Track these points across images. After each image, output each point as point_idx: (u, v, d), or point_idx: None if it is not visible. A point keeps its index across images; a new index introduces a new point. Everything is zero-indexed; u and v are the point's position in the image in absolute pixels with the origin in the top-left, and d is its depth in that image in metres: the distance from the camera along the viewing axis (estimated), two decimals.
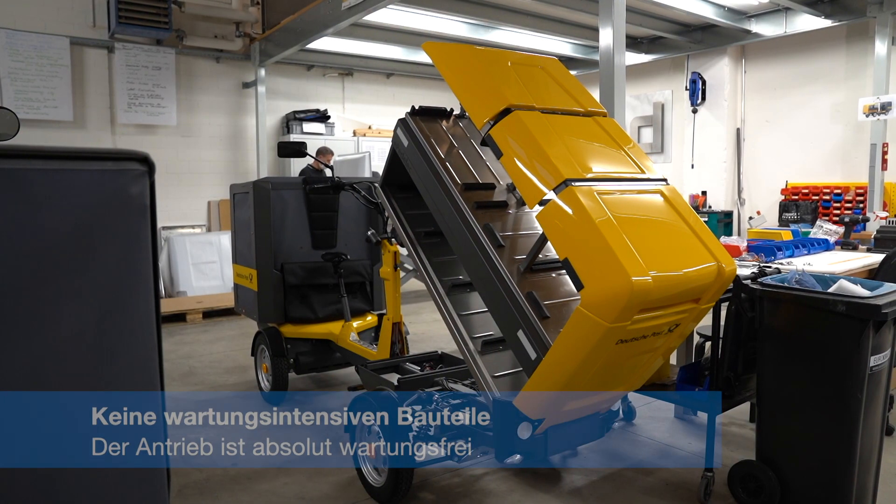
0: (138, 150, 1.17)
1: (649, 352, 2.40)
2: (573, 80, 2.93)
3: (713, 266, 2.28)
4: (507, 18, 8.24)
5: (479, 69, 2.59)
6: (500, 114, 2.36)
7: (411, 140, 2.78)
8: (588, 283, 2.01)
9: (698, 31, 8.95)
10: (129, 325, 1.17)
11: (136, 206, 1.16)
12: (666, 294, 2.12)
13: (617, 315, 1.98)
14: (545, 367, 2.16)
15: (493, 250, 2.36)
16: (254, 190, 4.38)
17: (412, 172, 2.78)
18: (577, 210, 2.08)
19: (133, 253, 1.17)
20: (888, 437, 3.75)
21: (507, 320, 2.31)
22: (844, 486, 2.68)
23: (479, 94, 2.48)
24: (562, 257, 2.11)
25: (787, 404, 2.81)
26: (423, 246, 2.77)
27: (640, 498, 3.06)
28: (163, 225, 9.07)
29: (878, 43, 7.19)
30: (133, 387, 1.19)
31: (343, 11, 6.87)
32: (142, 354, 1.19)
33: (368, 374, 3.43)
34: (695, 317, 2.41)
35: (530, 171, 2.23)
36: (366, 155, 8.75)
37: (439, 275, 2.68)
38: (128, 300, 1.17)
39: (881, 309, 2.52)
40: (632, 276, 1.94)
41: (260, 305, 4.44)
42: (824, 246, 4.65)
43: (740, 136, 9.27)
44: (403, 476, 2.84)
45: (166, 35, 8.41)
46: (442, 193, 2.57)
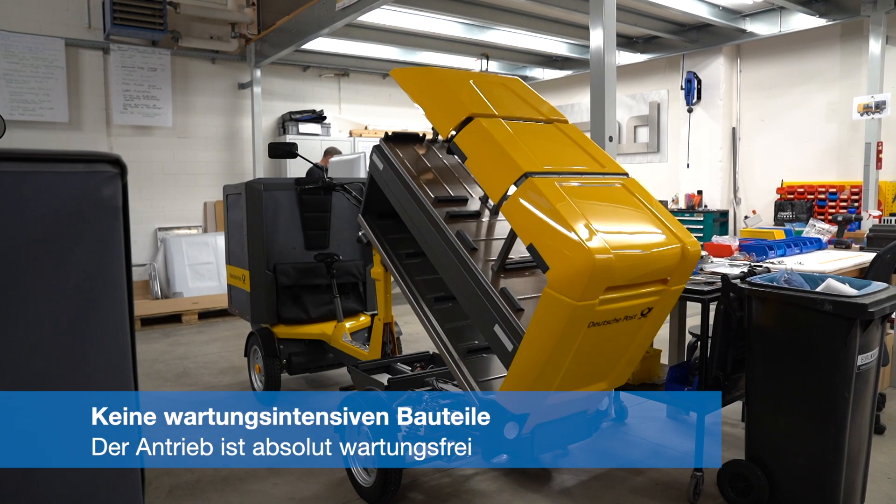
0: (110, 152, 1.17)
1: (626, 339, 2.41)
2: (534, 94, 3.04)
3: (677, 246, 2.33)
4: (502, 18, 8.24)
5: (442, 87, 2.72)
6: (463, 122, 2.48)
7: (386, 163, 2.88)
8: (552, 263, 2.07)
9: (693, 31, 8.96)
10: (102, 325, 1.18)
11: (108, 208, 1.16)
12: (630, 272, 2.17)
13: (582, 292, 2.01)
14: (521, 355, 2.19)
15: (466, 253, 2.44)
16: (246, 191, 4.39)
17: (389, 194, 2.88)
18: (535, 193, 2.17)
19: (105, 254, 1.17)
20: (880, 436, 3.75)
21: (484, 317, 2.36)
22: (832, 484, 2.68)
23: (444, 108, 2.60)
24: (527, 244, 2.17)
25: (775, 404, 2.81)
26: (405, 266, 2.85)
27: (630, 497, 3.06)
28: (159, 226, 9.09)
29: (872, 42, 7.19)
30: (106, 387, 1.19)
31: (338, 12, 6.87)
32: (114, 355, 1.19)
33: (359, 374, 3.43)
34: (666, 300, 2.42)
35: (493, 168, 2.32)
36: (361, 155, 8.74)
37: (421, 291, 2.76)
38: (100, 301, 1.17)
39: (867, 308, 2.53)
40: (593, 253, 2.00)
41: (253, 306, 4.45)
42: (817, 245, 4.65)
43: (736, 136, 9.28)
44: (392, 476, 2.84)
45: (161, 36, 8.41)
46: (416, 207, 2.67)
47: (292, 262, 4.48)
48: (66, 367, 1.17)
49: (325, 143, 9.54)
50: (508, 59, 10.68)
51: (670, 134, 9.98)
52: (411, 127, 11.08)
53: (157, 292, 8.70)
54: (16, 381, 1.11)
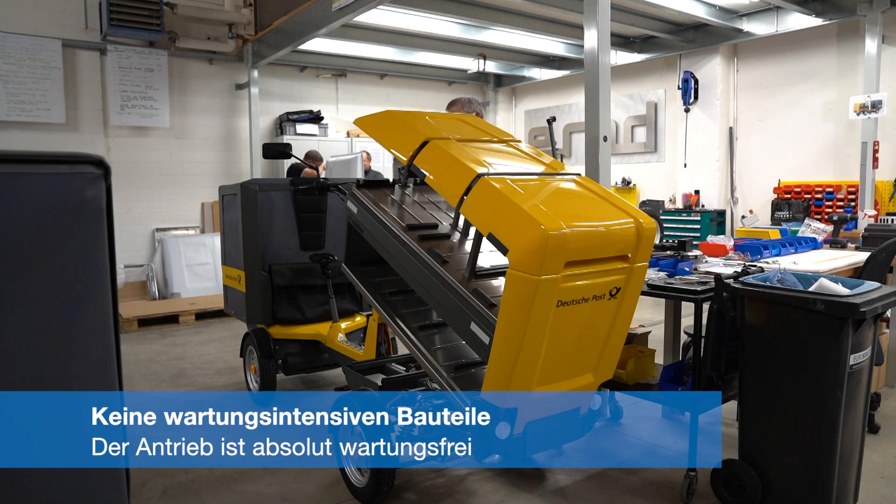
0: (93, 154, 1.17)
1: (600, 322, 2.44)
2: (490, 125, 3.28)
3: (630, 222, 2.41)
4: (499, 18, 8.24)
5: (401, 123, 2.92)
6: (420, 146, 2.65)
7: (360, 206, 3.05)
8: (510, 243, 2.17)
9: (690, 31, 8.96)
10: (86, 326, 1.18)
11: (92, 209, 1.16)
12: (587, 247, 2.25)
13: (541, 265, 2.10)
14: (497, 342, 2.25)
15: (437, 265, 2.56)
16: (241, 191, 4.39)
17: (366, 235, 3.04)
18: (489, 189, 2.33)
19: (90, 255, 1.17)
20: (874, 435, 3.76)
21: (460, 319, 2.45)
22: (825, 484, 2.69)
23: (402, 139, 2.79)
24: (486, 235, 2.29)
25: (768, 403, 2.82)
26: (389, 302, 3.00)
27: (624, 497, 3.07)
28: (156, 227, 9.09)
29: (868, 41, 7.20)
30: (91, 388, 1.19)
31: (334, 12, 6.87)
32: (99, 355, 1.19)
33: (353, 374, 3.43)
34: (634, 280, 2.46)
35: (449, 177, 2.48)
36: (358, 156, 8.75)
37: (406, 322, 2.90)
38: (85, 302, 1.17)
39: (859, 307, 2.53)
40: (547, 228, 2.11)
41: (248, 307, 4.45)
42: (812, 245, 4.65)
43: (733, 135, 9.28)
44: (385, 476, 2.84)
45: (158, 37, 8.41)
46: (390, 237, 2.83)
47: (288, 262, 4.49)
48: (51, 368, 1.17)
49: (322, 143, 9.55)
50: (505, 59, 10.69)
51: (667, 134, 9.98)
52: None
53: (154, 293, 8.70)
54: (1, 383, 1.12)
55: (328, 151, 9.56)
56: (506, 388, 2.27)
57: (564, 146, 11.25)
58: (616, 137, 10.65)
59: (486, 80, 12.24)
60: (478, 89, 12.47)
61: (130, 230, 8.89)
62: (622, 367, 3.41)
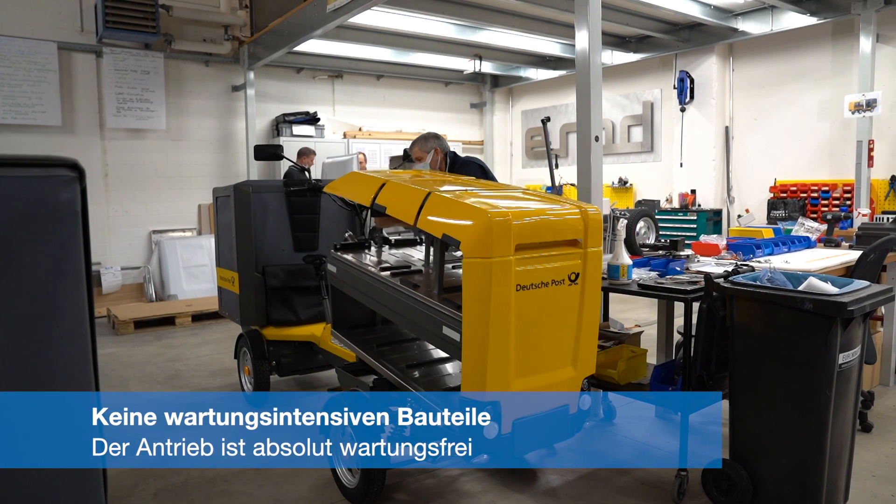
0: (67, 157, 1.18)
1: (566, 308, 2.52)
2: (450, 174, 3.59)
3: (575, 209, 2.58)
4: (494, 19, 8.25)
5: (363, 177, 3.21)
6: (379, 188, 2.92)
7: (339, 265, 3.30)
8: (461, 236, 2.33)
9: (686, 30, 8.97)
10: (61, 329, 1.18)
11: (65, 212, 1.17)
12: (533, 231, 2.39)
13: (491, 248, 2.26)
14: (466, 333, 2.35)
15: (410, 290, 2.75)
16: (234, 193, 4.39)
17: (347, 289, 3.27)
18: (438, 199, 2.56)
19: (64, 258, 1.17)
20: (867, 434, 3.76)
21: (433, 327, 2.58)
22: (815, 483, 2.69)
23: (364, 188, 3.07)
24: (441, 237, 2.47)
25: (757, 402, 2.82)
26: (378, 353, 3.19)
27: (615, 497, 3.07)
28: (153, 229, 9.09)
29: (862, 40, 7.20)
30: (67, 389, 1.19)
31: (329, 14, 6.87)
32: (75, 357, 1.20)
33: (345, 375, 3.44)
34: (591, 265, 2.56)
35: (404, 202, 2.72)
36: (354, 157, 8.76)
37: (396, 364, 3.07)
38: (60, 304, 1.18)
39: (847, 306, 2.53)
40: (491, 215, 2.29)
41: (242, 308, 4.45)
42: (805, 244, 4.66)
43: (729, 135, 9.28)
44: (375, 477, 2.85)
45: (154, 39, 8.41)
46: (367, 279, 3.05)
47: (281, 263, 4.49)
48: (27, 370, 1.17)
49: (318, 145, 9.55)
50: (501, 60, 10.69)
51: (664, 133, 9.98)
52: (405, 128, 11.11)
53: (151, 295, 8.71)
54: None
55: (325, 152, 9.57)
56: (482, 380, 2.32)
57: (561, 146, 11.26)
58: (612, 137, 10.65)
59: (483, 80, 12.25)
60: (474, 90, 12.48)
61: (127, 232, 8.90)
62: (613, 366, 3.41)
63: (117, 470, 3.47)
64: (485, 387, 2.31)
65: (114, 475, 3.40)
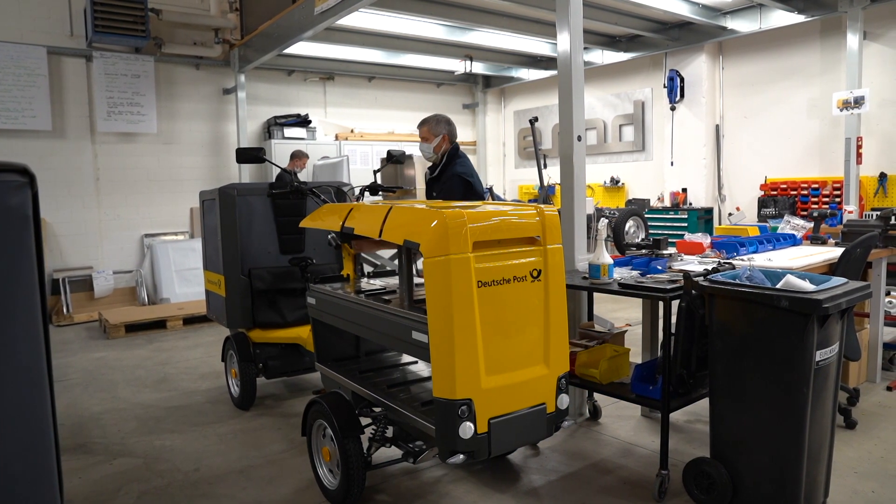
0: (16, 162, 1.18)
1: (531, 305, 2.55)
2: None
3: (532, 209, 2.65)
4: (484, 20, 8.25)
5: (335, 207, 3.38)
6: (347, 213, 3.09)
7: (318, 297, 3.42)
8: (420, 239, 2.41)
9: (675, 29, 8.98)
10: (13, 333, 1.18)
11: (16, 217, 1.17)
12: (489, 229, 2.45)
13: (447, 246, 2.33)
14: (432, 331, 2.39)
15: (381, 305, 2.86)
16: (220, 196, 4.39)
17: (326, 318, 3.36)
18: (399, 210, 2.68)
19: (15, 264, 1.18)
20: (851, 431, 3.77)
21: (403, 333, 2.63)
22: (794, 480, 2.69)
23: (335, 215, 3.22)
24: (402, 243, 2.56)
25: (737, 400, 2.82)
26: (359, 378, 3.26)
27: (597, 497, 3.07)
28: (145, 232, 9.09)
29: (850, 37, 7.22)
30: (20, 395, 1.20)
31: (317, 16, 6.88)
32: (28, 362, 1.20)
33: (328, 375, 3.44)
34: (552, 262, 2.61)
35: (369, 220, 2.84)
36: (344, 159, 8.76)
37: (377, 384, 3.15)
38: (12, 310, 1.18)
39: (822, 303, 2.54)
40: (446, 216, 2.37)
41: (228, 311, 4.45)
42: (790, 241, 4.67)
43: (719, 133, 9.30)
44: (355, 478, 2.85)
45: (144, 43, 8.42)
46: (343, 303, 3.15)
47: (267, 266, 4.49)
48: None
49: (310, 147, 9.55)
50: (492, 60, 10.70)
51: (655, 132, 10.00)
52: (397, 129, 11.12)
53: (143, 298, 8.70)
54: None
55: (316, 154, 9.58)
56: (452, 377, 2.33)
57: (553, 146, 11.27)
58: (604, 137, 10.66)
59: (475, 81, 12.26)
60: (466, 90, 12.49)
61: (119, 236, 8.90)
62: (595, 366, 3.42)
63: (100, 474, 3.47)
64: (455, 384, 2.32)
65: (96, 479, 3.41)
